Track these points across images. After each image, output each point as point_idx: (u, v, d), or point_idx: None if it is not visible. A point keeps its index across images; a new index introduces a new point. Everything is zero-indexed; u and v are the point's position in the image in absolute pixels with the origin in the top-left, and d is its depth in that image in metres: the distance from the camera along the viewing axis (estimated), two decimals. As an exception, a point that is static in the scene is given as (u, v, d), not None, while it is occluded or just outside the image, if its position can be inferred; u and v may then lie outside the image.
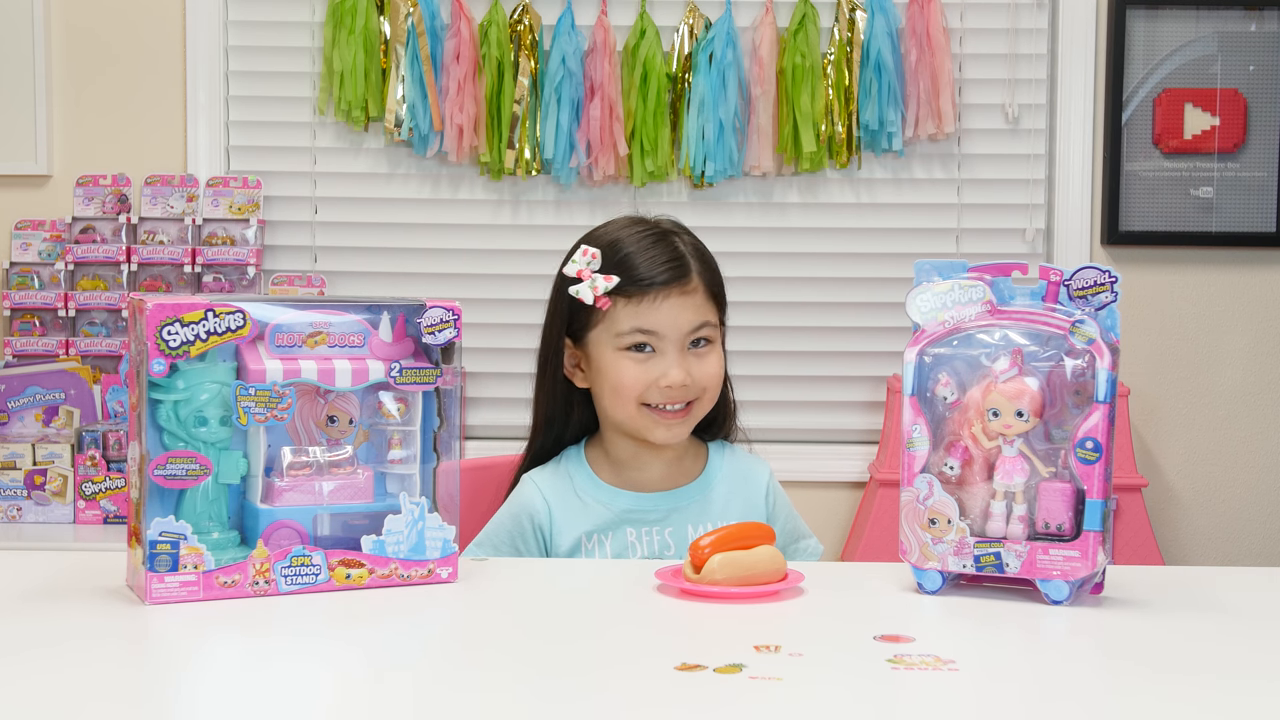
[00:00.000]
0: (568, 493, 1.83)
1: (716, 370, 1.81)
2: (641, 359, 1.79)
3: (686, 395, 1.79)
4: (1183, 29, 3.18)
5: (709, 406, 1.84)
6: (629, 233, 1.83)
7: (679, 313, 1.78)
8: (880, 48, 3.12)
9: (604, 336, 1.80)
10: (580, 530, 1.81)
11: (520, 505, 1.84)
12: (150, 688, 1.21)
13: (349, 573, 1.48)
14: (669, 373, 1.77)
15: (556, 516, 1.82)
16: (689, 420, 1.82)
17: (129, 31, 3.21)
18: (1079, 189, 3.21)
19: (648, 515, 1.83)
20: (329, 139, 3.23)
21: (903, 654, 1.27)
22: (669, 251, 1.80)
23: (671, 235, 1.83)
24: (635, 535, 1.82)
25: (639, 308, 1.78)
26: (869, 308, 3.23)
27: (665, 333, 1.78)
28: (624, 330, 1.78)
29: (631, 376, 1.78)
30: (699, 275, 1.81)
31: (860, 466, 3.21)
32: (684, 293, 1.79)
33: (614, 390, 1.80)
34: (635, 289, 1.78)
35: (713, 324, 1.82)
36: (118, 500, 2.89)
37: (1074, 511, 1.45)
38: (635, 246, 1.80)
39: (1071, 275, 1.48)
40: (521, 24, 3.14)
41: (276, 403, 1.45)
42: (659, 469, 1.86)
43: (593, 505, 1.83)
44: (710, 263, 1.84)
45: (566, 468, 1.86)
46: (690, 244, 1.84)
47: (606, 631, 1.37)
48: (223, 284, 3.11)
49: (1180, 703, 1.17)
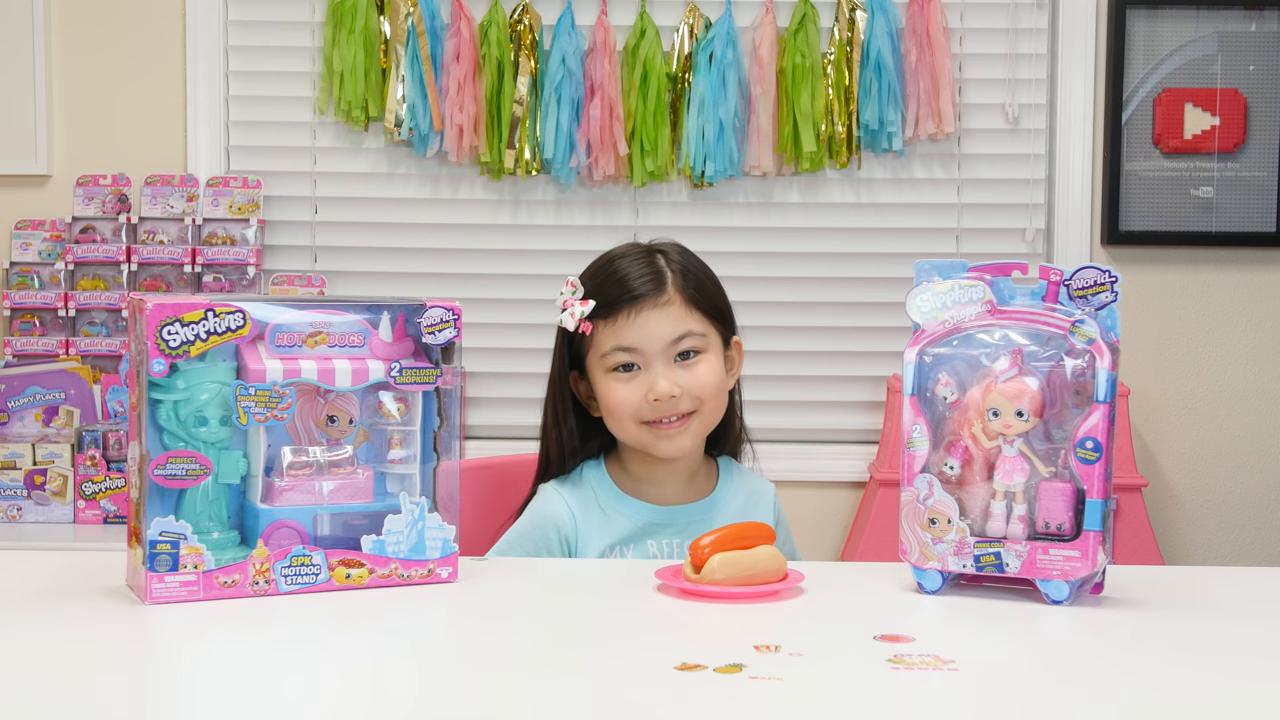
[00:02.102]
0: (591, 504, 1.83)
1: (709, 379, 1.80)
2: (628, 378, 1.79)
3: (680, 406, 1.78)
4: (1183, 29, 3.18)
5: (713, 417, 1.83)
6: (616, 255, 1.84)
7: (654, 325, 1.78)
8: (880, 48, 3.12)
9: (595, 361, 1.81)
10: (605, 541, 1.81)
11: (545, 516, 1.82)
12: (150, 688, 1.21)
13: (349, 573, 1.48)
14: (656, 385, 1.77)
15: (582, 527, 1.81)
16: (690, 431, 1.81)
17: (129, 31, 3.21)
18: (1079, 189, 3.21)
19: (668, 528, 1.83)
20: (329, 139, 3.23)
21: (903, 654, 1.27)
22: (643, 268, 1.80)
23: (655, 253, 1.83)
24: (657, 547, 1.82)
25: (615, 326, 1.78)
26: (869, 308, 3.23)
27: (644, 347, 1.78)
28: (606, 351, 1.79)
29: (620, 396, 1.78)
30: (676, 287, 1.80)
31: (860, 466, 3.21)
32: (658, 305, 1.78)
33: (609, 413, 1.80)
34: (610, 308, 1.78)
35: (698, 334, 1.80)
36: (118, 500, 2.89)
37: (1074, 511, 1.45)
38: (615, 266, 1.81)
39: (1071, 275, 1.48)
40: (521, 24, 3.14)
41: (276, 403, 1.45)
42: (674, 484, 1.86)
43: (615, 517, 1.82)
44: (697, 277, 1.83)
45: (588, 480, 1.86)
46: (676, 260, 1.83)
47: (606, 631, 1.37)
48: (223, 284, 3.11)
49: (1180, 703, 1.17)
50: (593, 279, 1.82)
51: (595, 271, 1.83)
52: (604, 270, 1.82)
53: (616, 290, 1.79)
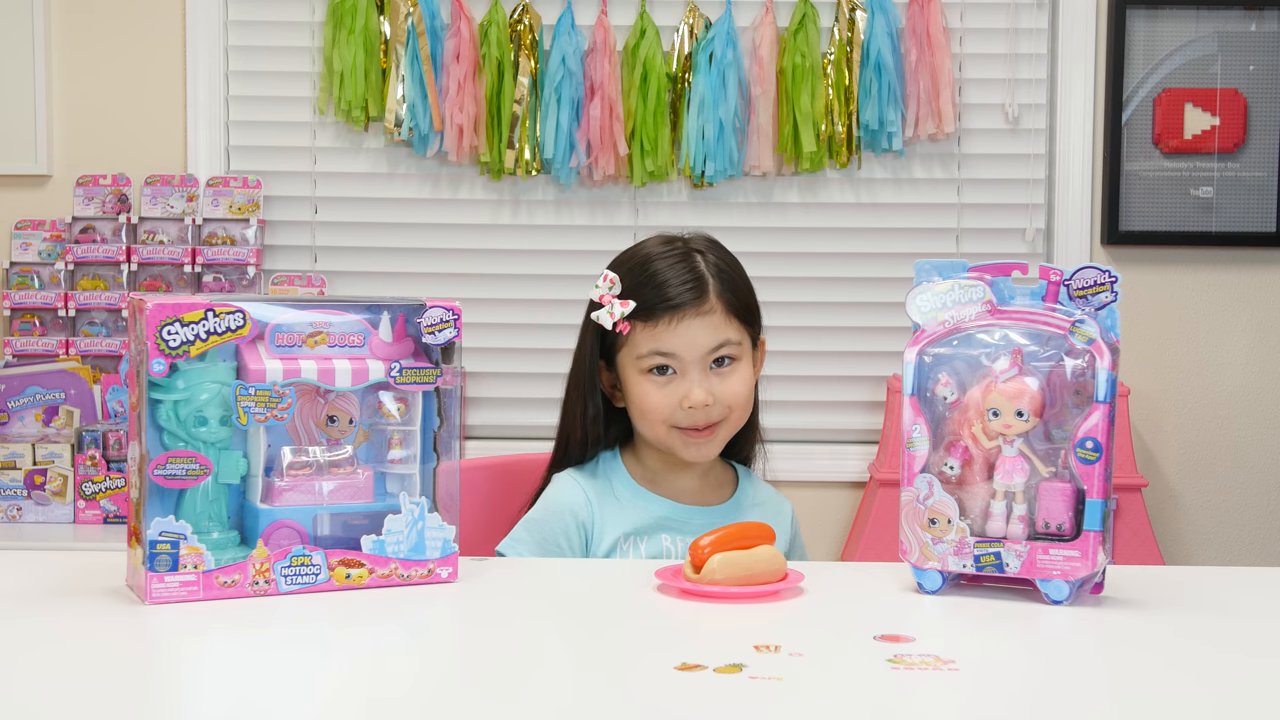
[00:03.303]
0: (607, 492, 1.84)
1: (741, 389, 1.82)
2: (663, 381, 1.80)
3: (711, 416, 1.80)
4: (1183, 29, 3.18)
5: (739, 424, 1.85)
6: (654, 254, 1.83)
7: (696, 334, 1.79)
8: (880, 48, 3.12)
9: (628, 359, 1.82)
10: (620, 530, 1.82)
11: (562, 502, 1.83)
12: (150, 688, 1.21)
13: (349, 573, 1.48)
14: (691, 393, 1.78)
15: (598, 515, 1.82)
16: (717, 439, 1.82)
17: (129, 31, 3.21)
18: (1079, 189, 3.21)
19: (684, 525, 1.84)
20: (329, 139, 3.23)
21: (903, 654, 1.27)
22: (685, 273, 1.80)
23: (694, 255, 1.83)
24: (671, 541, 1.83)
25: (655, 330, 1.79)
26: (869, 308, 3.23)
27: (683, 354, 1.79)
28: (643, 353, 1.80)
29: (655, 400, 1.79)
30: (717, 295, 1.80)
31: (860, 466, 3.21)
32: (700, 313, 1.79)
33: (640, 414, 1.82)
34: (651, 313, 1.79)
35: (735, 342, 1.81)
36: (118, 500, 2.89)
37: (1074, 511, 1.45)
38: (655, 268, 1.81)
39: (1071, 275, 1.48)
40: (521, 24, 3.14)
41: (276, 403, 1.45)
42: (689, 481, 1.87)
43: (630, 508, 1.83)
44: (734, 280, 1.84)
45: (604, 470, 1.87)
46: (714, 262, 1.83)
47: (606, 631, 1.37)
48: (223, 284, 3.11)
49: (1180, 703, 1.17)
50: (631, 277, 1.81)
51: (633, 269, 1.82)
52: (642, 270, 1.81)
53: (657, 296, 1.79)
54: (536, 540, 1.81)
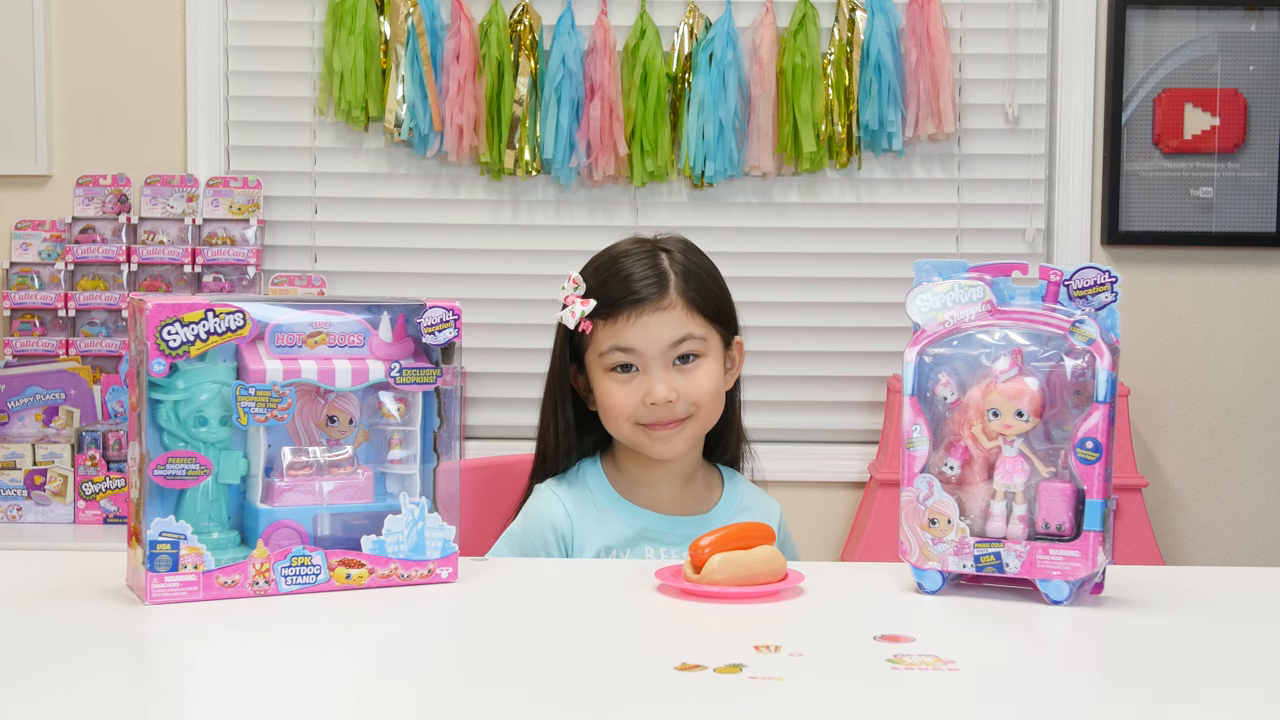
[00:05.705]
0: (588, 504, 1.82)
1: (706, 384, 1.79)
2: (625, 379, 1.78)
3: (675, 412, 1.78)
4: (1183, 29, 3.18)
5: (708, 421, 1.82)
6: (621, 253, 1.83)
7: (655, 328, 1.77)
8: (880, 48, 3.12)
9: (593, 359, 1.81)
10: (601, 543, 1.80)
11: (541, 516, 1.82)
12: (150, 688, 1.21)
13: (349, 573, 1.48)
14: (653, 389, 1.76)
15: (578, 528, 1.80)
16: (684, 434, 1.80)
17: (129, 32, 3.21)
18: (1079, 189, 3.21)
19: (667, 536, 1.82)
20: (329, 139, 3.23)
21: (903, 654, 1.27)
22: (647, 269, 1.79)
23: (660, 253, 1.82)
24: (654, 553, 1.81)
25: (615, 327, 1.78)
26: (869, 308, 3.24)
27: (642, 349, 1.78)
28: (604, 350, 1.79)
29: (618, 398, 1.78)
30: (678, 290, 1.79)
31: (860, 466, 3.21)
32: (659, 308, 1.78)
33: (605, 412, 1.80)
34: (612, 309, 1.78)
35: (698, 337, 1.79)
36: (118, 500, 2.89)
37: (1074, 511, 1.45)
38: (619, 265, 1.81)
39: (1071, 275, 1.48)
40: (521, 24, 3.15)
41: (276, 403, 1.45)
42: (670, 488, 1.85)
43: (612, 520, 1.82)
44: (701, 278, 1.82)
45: (585, 480, 1.85)
46: (680, 260, 1.82)
47: (606, 631, 1.37)
48: (223, 284, 3.11)
49: (1180, 703, 1.17)
50: (595, 275, 1.81)
51: (599, 268, 1.82)
52: (607, 268, 1.81)
53: (619, 290, 1.78)
54: (516, 554, 1.80)
